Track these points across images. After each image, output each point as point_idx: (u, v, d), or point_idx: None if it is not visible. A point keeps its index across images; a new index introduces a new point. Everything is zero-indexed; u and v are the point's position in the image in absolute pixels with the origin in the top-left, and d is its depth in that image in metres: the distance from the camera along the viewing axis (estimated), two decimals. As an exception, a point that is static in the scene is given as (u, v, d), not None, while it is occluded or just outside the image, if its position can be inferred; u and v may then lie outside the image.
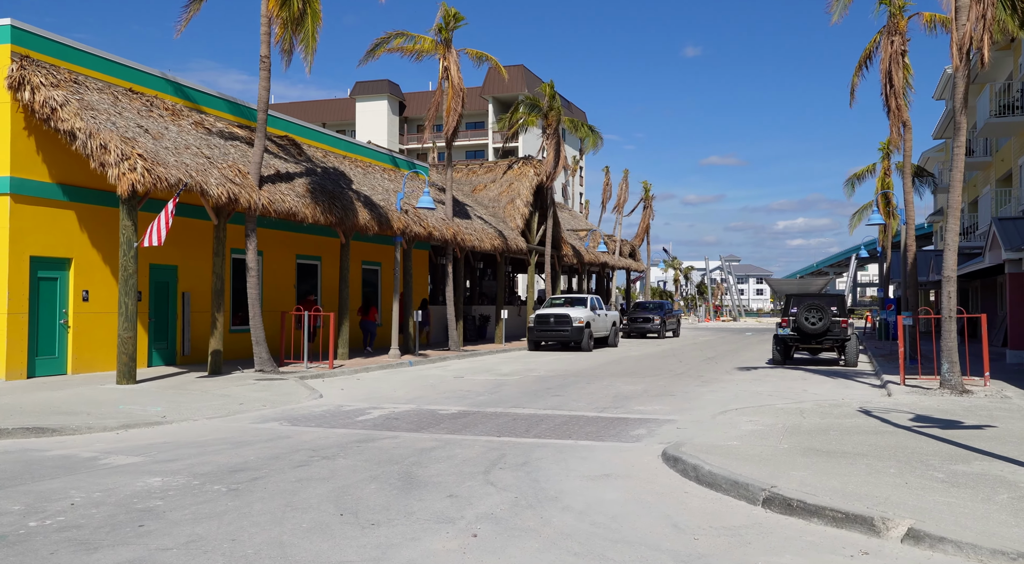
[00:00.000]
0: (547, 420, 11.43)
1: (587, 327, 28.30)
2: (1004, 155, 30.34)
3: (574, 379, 17.74)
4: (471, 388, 15.71)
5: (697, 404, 13.33)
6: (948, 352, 14.02)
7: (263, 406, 12.33)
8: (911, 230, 21.85)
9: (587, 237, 41.46)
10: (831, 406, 12.40)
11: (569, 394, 14.70)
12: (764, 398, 14.16)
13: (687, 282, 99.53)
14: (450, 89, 24.95)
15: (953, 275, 13.81)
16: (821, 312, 21.20)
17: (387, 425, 10.77)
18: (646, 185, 53.22)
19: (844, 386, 16.48)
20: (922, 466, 7.70)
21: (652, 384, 16.68)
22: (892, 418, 11.12)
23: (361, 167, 24.83)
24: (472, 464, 8.02)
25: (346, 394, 14.49)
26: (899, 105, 21.00)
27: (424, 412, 12.17)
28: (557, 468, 7.88)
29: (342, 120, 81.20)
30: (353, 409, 12.40)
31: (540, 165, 34.04)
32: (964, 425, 10.62)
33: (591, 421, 11.36)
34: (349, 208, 20.07)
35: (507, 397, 14.21)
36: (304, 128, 23.29)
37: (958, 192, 13.60)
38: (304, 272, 23.62)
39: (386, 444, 9.20)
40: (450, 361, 23.03)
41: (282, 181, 18.21)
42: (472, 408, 12.65)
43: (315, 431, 10.16)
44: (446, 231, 24.80)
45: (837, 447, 8.80)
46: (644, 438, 9.93)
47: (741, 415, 11.54)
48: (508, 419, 11.47)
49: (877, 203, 35.45)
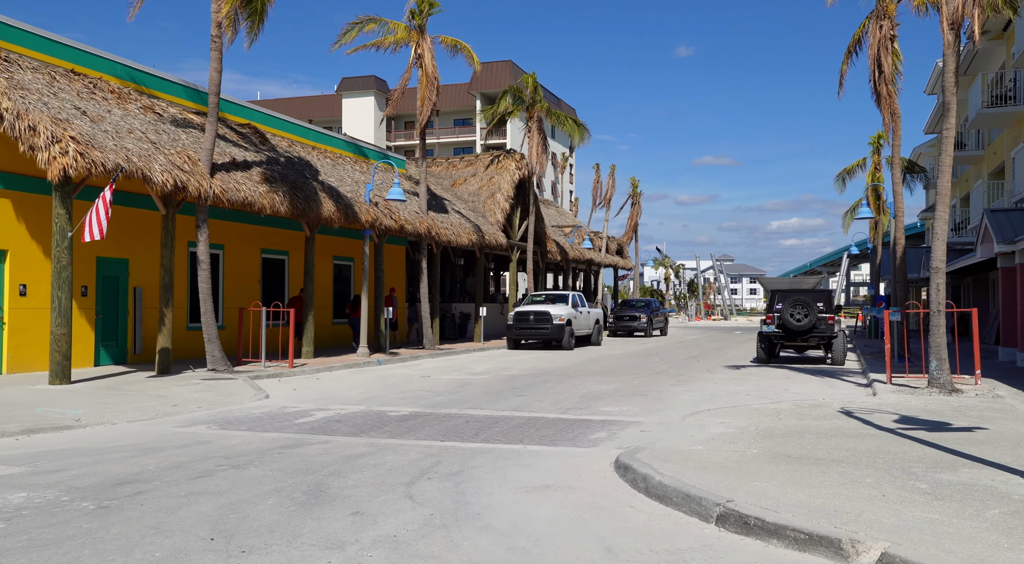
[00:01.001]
0: (502, 422, 10.55)
1: (568, 325, 27.42)
2: (996, 148, 29.56)
3: (546, 378, 16.86)
4: (433, 388, 14.82)
5: (669, 405, 12.46)
6: (936, 349, 13.18)
7: (198, 408, 11.41)
8: (900, 222, 21.03)
9: (572, 233, 40.57)
10: (810, 407, 11.54)
11: (535, 394, 13.82)
12: (741, 398, 13.29)
13: (679, 281, 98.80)
14: (423, 77, 24.04)
15: (942, 266, 12.97)
16: (806, 308, 20.35)
17: (325, 428, 9.87)
18: (634, 182, 52.33)
19: (828, 385, 15.63)
20: (903, 475, 6.84)
21: (626, 383, 15.80)
22: (875, 419, 10.26)
23: (331, 158, 23.90)
24: (399, 473, 7.12)
25: (297, 394, 13.58)
26: (889, 92, 20.16)
27: (372, 414, 11.27)
28: (492, 478, 6.99)
29: (329, 116, 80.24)
30: (296, 411, 11.49)
31: (522, 159, 33.14)
32: (952, 427, 9.77)
33: (549, 423, 10.47)
34: (312, 199, 19.15)
35: (468, 397, 13.32)
36: (269, 117, 22.36)
37: (947, 178, 12.76)
38: (270, 267, 22.69)
39: (313, 450, 8.29)
40: (422, 360, 22.13)
41: (238, 169, 17.27)
42: (426, 410, 11.76)
43: (242, 435, 9.25)
44: (419, 225, 23.89)
45: (811, 452, 7.93)
46: (602, 442, 9.05)
47: (712, 416, 10.66)
48: (460, 421, 10.58)
49: (867, 198, 34.70)
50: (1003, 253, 18.93)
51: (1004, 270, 19.53)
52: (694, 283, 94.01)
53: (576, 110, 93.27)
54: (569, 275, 42.14)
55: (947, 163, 12.74)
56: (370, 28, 24.03)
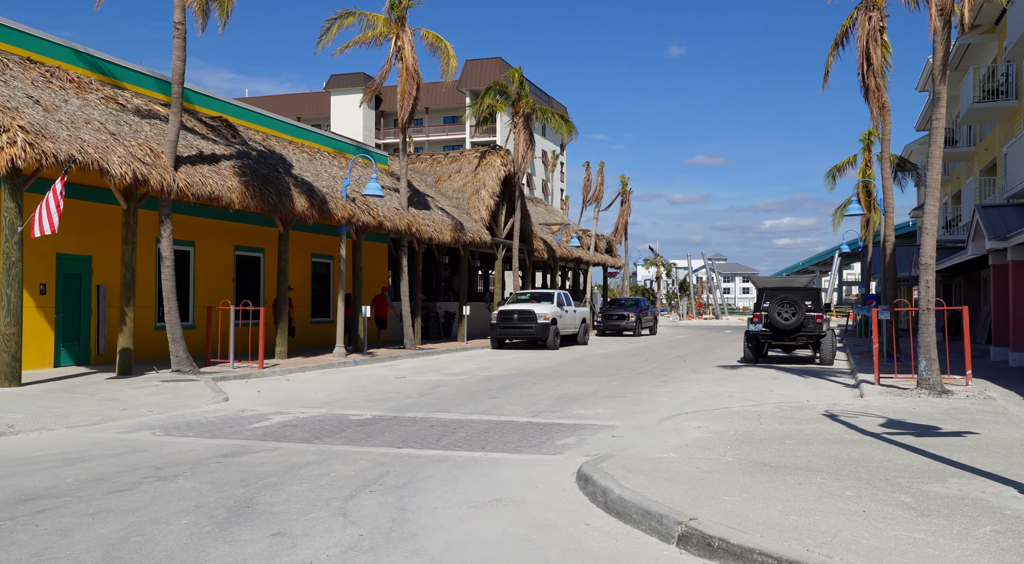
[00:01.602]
0: (468, 427, 9.98)
1: (553, 324, 26.86)
2: (988, 144, 29.11)
3: (524, 379, 16.30)
4: (405, 390, 14.24)
5: (647, 407, 11.91)
6: (926, 348, 12.66)
7: (149, 411, 10.81)
8: (890, 219, 20.53)
9: (560, 231, 40.00)
10: (793, 409, 11.00)
11: (509, 396, 13.25)
12: (724, 400, 12.75)
13: (671, 280, 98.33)
14: (403, 71, 23.47)
15: (931, 263, 12.44)
16: (794, 307, 19.84)
17: (278, 434, 9.28)
18: (623, 179, 51.78)
19: (815, 386, 15.11)
20: (887, 486, 6.29)
21: (606, 384, 15.25)
22: (860, 423, 9.72)
23: (308, 153, 23.28)
24: (340, 486, 6.55)
25: (260, 397, 12.98)
26: (877, 85, 19.63)
27: (333, 418, 10.69)
28: (441, 490, 6.42)
29: (318, 114, 79.51)
30: (253, 414, 10.90)
31: (508, 155, 32.57)
32: (941, 431, 9.24)
33: (518, 428, 9.91)
34: (285, 194, 18.54)
35: (439, 400, 12.74)
36: (243, 110, 21.72)
37: (937, 170, 12.24)
38: (245, 265, 22.06)
39: (256, 459, 7.70)
40: (401, 360, 21.54)
41: (206, 163, 16.65)
42: (391, 413, 11.18)
43: (185, 442, 8.66)
44: (399, 221, 23.29)
45: (790, 460, 7.38)
46: (570, 449, 8.48)
47: (690, 420, 10.12)
48: (424, 426, 10.01)
49: (858, 195, 34.23)
50: (995, 250, 18.44)
51: (996, 267, 19.04)
52: (686, 282, 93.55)
53: (568, 108, 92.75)
54: (557, 273, 41.58)
55: (937, 155, 12.22)
56: (349, 23, 23.48)
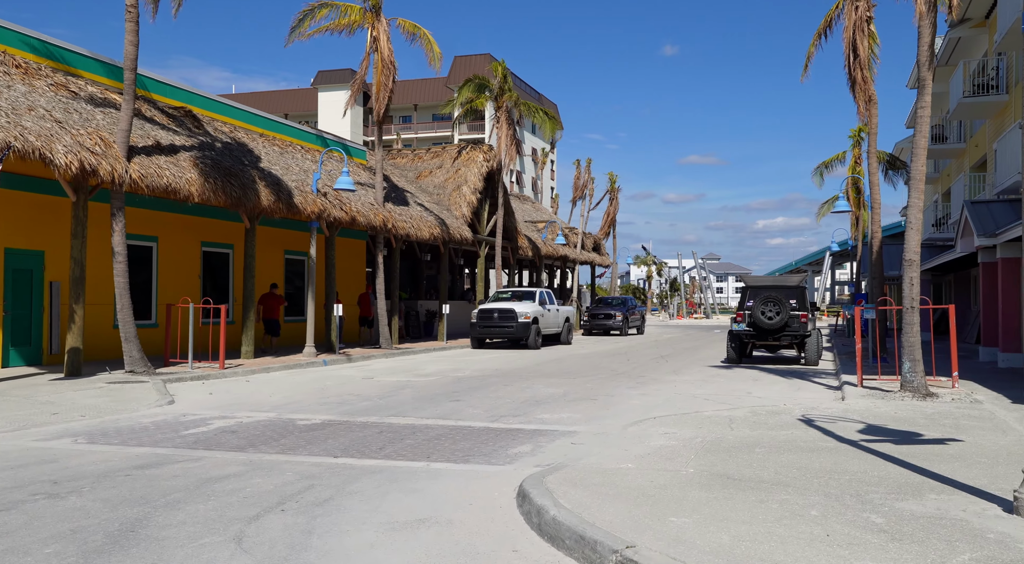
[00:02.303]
0: (421, 432, 9.32)
1: (534, 323, 26.22)
2: (979, 140, 28.56)
3: (496, 380, 15.64)
4: (366, 391, 13.56)
5: (616, 411, 11.27)
6: (910, 348, 12.05)
7: (81, 416, 10.11)
8: (876, 215, 19.93)
9: (545, 229, 39.34)
10: (769, 414, 10.37)
11: (473, 398, 12.59)
12: (698, 403, 12.12)
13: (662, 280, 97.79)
14: (379, 62, 22.78)
15: (916, 259, 11.83)
16: (778, 305, 19.23)
17: (211, 441, 8.61)
18: (612, 177, 51.14)
19: (796, 388, 14.50)
20: (857, 503, 5.66)
21: (580, 386, 14.61)
22: (837, 429, 9.09)
23: (279, 146, 22.57)
24: (251, 503, 5.88)
25: (210, 399, 12.30)
26: (864, 77, 19.03)
27: (279, 423, 10.01)
28: (362, 509, 5.76)
29: (305, 111, 78.68)
30: (195, 419, 10.21)
31: (491, 151, 31.89)
32: (923, 438, 8.62)
33: (473, 434, 9.25)
34: (250, 188, 17.83)
35: (398, 402, 12.08)
36: (209, 100, 20.99)
37: (922, 161, 11.63)
38: (213, 261, 21.34)
39: (171, 471, 7.03)
40: (374, 360, 20.86)
41: (163, 154, 15.94)
42: (342, 417, 10.51)
43: (104, 451, 7.97)
44: (374, 217, 22.60)
45: (756, 472, 6.75)
46: (521, 458, 7.83)
47: (658, 426, 9.48)
48: (373, 432, 9.35)
49: (847, 192, 33.64)
50: (984, 247, 17.86)
51: (985, 265, 18.46)
52: (676, 281, 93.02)
53: (559, 106, 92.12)
54: (542, 272, 40.92)
55: (921, 145, 11.60)
56: (323, 14, 22.78)
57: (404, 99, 77.13)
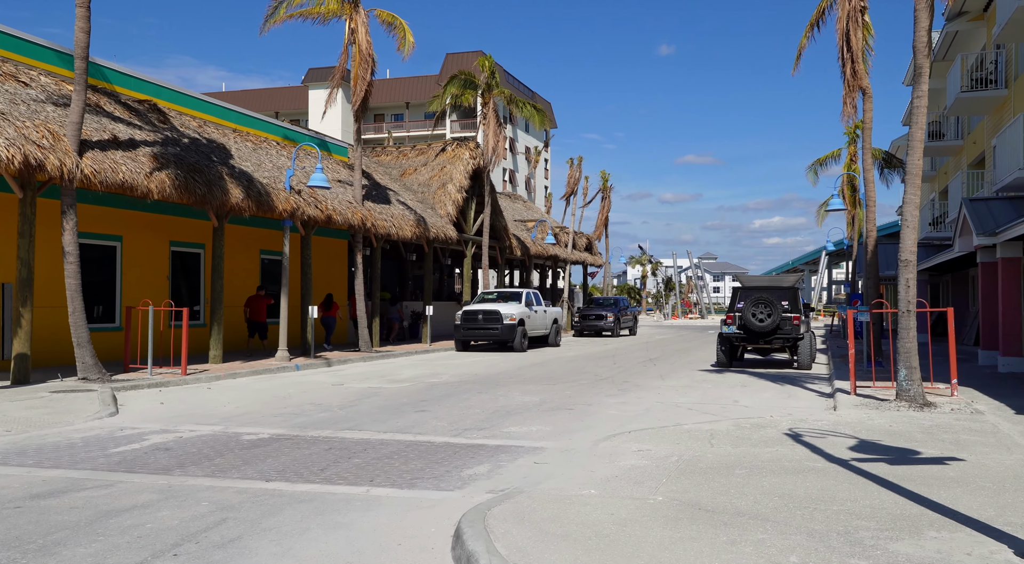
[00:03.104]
0: (373, 449, 8.53)
1: (520, 325, 25.44)
2: (976, 136, 27.81)
3: (470, 387, 14.85)
4: (330, 400, 12.77)
5: (591, 423, 10.48)
6: (906, 354, 11.27)
7: (7, 431, 9.29)
8: (871, 213, 19.17)
9: (535, 228, 38.54)
10: (753, 427, 9.59)
11: (440, 408, 11.79)
12: (681, 413, 11.33)
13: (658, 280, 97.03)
14: (357, 54, 21.99)
15: (912, 259, 11.06)
16: (770, 307, 18.46)
17: (137, 462, 7.81)
18: (604, 175, 50.30)
19: (786, 395, 13.72)
20: (845, 545, 4.88)
21: (558, 393, 13.82)
22: (827, 446, 8.31)
23: (252, 142, 21.75)
24: (142, 546, 5.08)
25: (160, 410, 11.49)
26: (857, 70, 18.30)
27: (222, 438, 9.21)
28: (268, 553, 4.96)
29: (295, 109, 77.81)
30: (130, 434, 9.41)
31: (477, 148, 31.09)
32: (921, 457, 7.84)
33: (430, 450, 8.46)
34: (216, 184, 17.01)
35: (360, 413, 11.28)
36: (177, 93, 20.16)
37: (918, 154, 10.85)
38: (183, 262, 20.52)
39: (72, 501, 6.23)
40: (350, 365, 20.06)
41: (120, 148, 15.12)
42: (293, 431, 9.71)
43: (8, 475, 7.16)
44: (352, 215, 21.80)
45: (732, 501, 5.97)
46: (474, 482, 7.05)
47: (631, 441, 8.70)
48: (320, 449, 8.55)
49: (842, 190, 32.89)
50: (983, 246, 17.10)
51: (984, 265, 17.71)
52: (671, 281, 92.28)
53: (552, 105, 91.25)
54: (532, 272, 40.14)
55: (918, 137, 10.83)
56: (298, 1, 21.99)
57: (396, 97, 76.32)
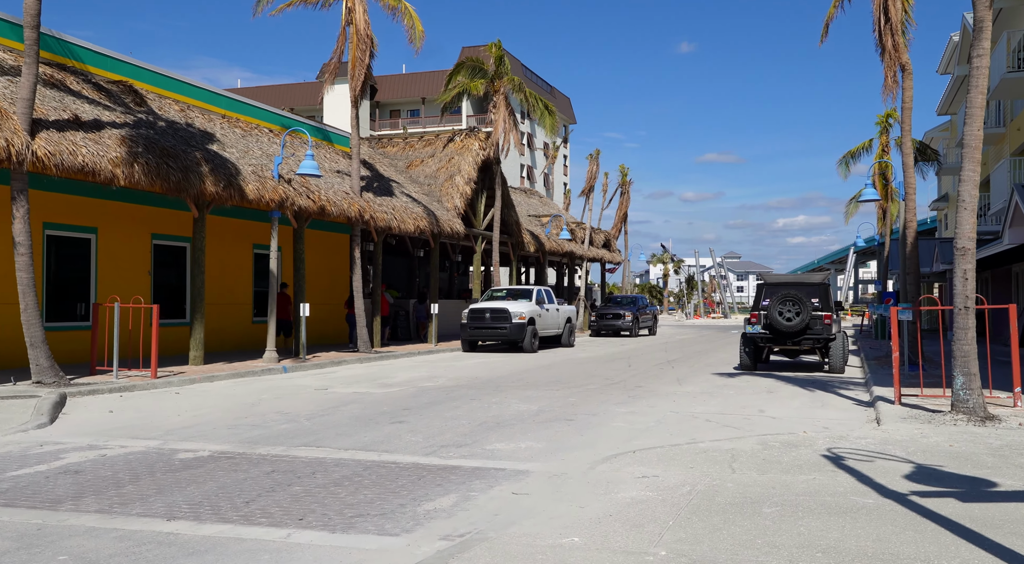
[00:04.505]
0: (323, 473, 7.08)
1: (530, 324, 23.93)
2: (1020, 123, 25.90)
3: (466, 392, 13.38)
4: (302, 409, 11.35)
5: (591, 438, 8.95)
6: (963, 359, 9.63)
7: (-97, 446, 7.97)
8: (911, 202, 17.44)
9: (549, 223, 36.99)
10: (784, 446, 8.02)
11: (424, 418, 10.32)
12: (697, 426, 9.77)
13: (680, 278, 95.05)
14: (354, 36, 20.62)
15: (971, 247, 9.41)
16: (798, 305, 16.81)
17: (25, 490, 6.42)
18: (623, 170, 48.60)
19: (819, 403, 12.10)
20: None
21: (561, 400, 12.30)
22: (876, 474, 6.73)
23: (242, 128, 20.42)
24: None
25: (104, 420, 10.14)
26: (896, 43, 16.59)
27: (153, 456, 7.81)
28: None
29: (310, 105, 76.72)
30: (47, 451, 8.03)
31: (487, 138, 29.60)
32: (1000, 491, 6.24)
33: (391, 475, 6.99)
34: (193, 171, 15.66)
35: (327, 425, 9.84)
36: (159, 76, 18.82)
37: (978, 122, 9.20)
38: (167, 256, 19.24)
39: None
40: (344, 367, 18.67)
41: (82, 130, 13.81)
42: (241, 447, 8.28)
43: None
44: (348, 207, 20.41)
45: (760, 559, 4.43)
46: (431, 521, 5.55)
47: (636, 464, 7.19)
48: (261, 472, 7.11)
49: (873, 182, 31.04)
50: (1039, 237, 15.35)
51: (1039, 259, 15.92)
52: (693, 280, 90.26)
53: (571, 101, 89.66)
54: (546, 269, 38.61)
55: (979, 103, 9.17)
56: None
57: (412, 92, 75.15)
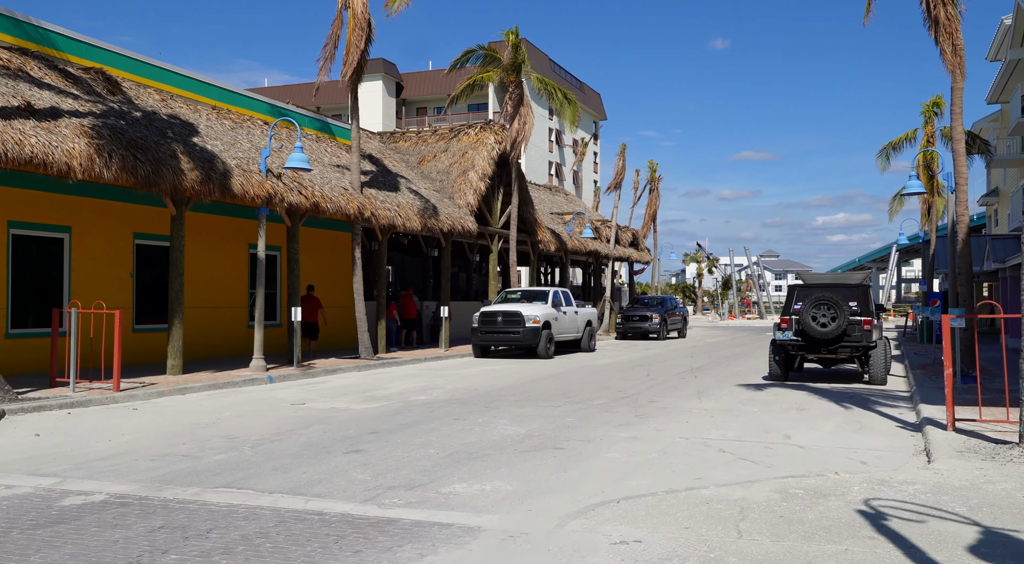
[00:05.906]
0: (217, 532, 5.63)
1: (545, 328, 22.40)
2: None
3: (453, 409, 11.89)
4: (255, 432, 9.95)
5: (575, 475, 7.39)
6: (1034, 382, 7.87)
7: None
8: (963, 194, 15.55)
9: (572, 221, 35.36)
10: (809, 494, 6.38)
11: (385, 446, 8.84)
12: (706, 459, 8.15)
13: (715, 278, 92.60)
14: (351, 19, 19.27)
15: (1046, 244, 7.64)
16: (834, 309, 15.05)
17: None
18: (652, 165, 46.67)
19: (856, 425, 10.39)
20: None
21: (556, 421, 10.75)
22: (930, 545, 5.07)
23: (232, 120, 19.16)
24: None
25: (21, 445, 8.85)
26: (949, 15, 14.75)
27: (28, 504, 6.44)
28: None
29: (337, 103, 75.95)
30: (-84, 490, 6.71)
31: (503, 131, 28.09)
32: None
33: (304, 535, 5.52)
34: (166, 164, 14.39)
35: (271, 454, 8.41)
36: (139, 63, 17.59)
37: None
38: (149, 256, 18.05)
39: None
40: (338, 375, 17.33)
41: (35, 118, 12.59)
42: (142, 490, 6.88)
43: None
44: (347, 203, 19.06)
45: None
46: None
47: (617, 520, 5.63)
48: (141, 530, 5.70)
49: (917, 172, 28.89)
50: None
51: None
52: (729, 279, 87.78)
53: (602, 97, 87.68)
54: (568, 269, 36.99)
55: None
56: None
57: (438, 89, 73.94)
